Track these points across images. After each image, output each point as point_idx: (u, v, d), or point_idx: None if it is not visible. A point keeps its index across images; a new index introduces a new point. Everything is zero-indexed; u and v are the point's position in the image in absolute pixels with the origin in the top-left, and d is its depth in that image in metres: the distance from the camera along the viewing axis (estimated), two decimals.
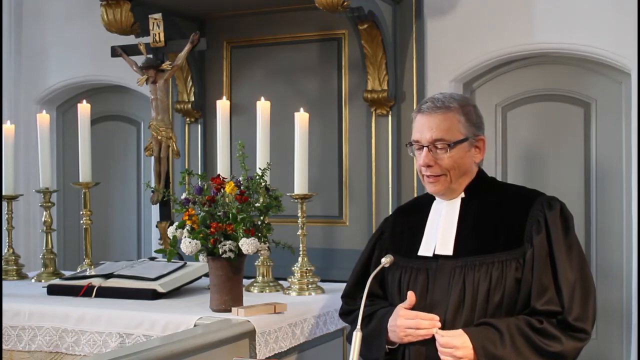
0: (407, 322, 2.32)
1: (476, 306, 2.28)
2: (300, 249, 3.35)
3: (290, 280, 3.37)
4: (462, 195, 2.45)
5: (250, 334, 2.76)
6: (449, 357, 2.23)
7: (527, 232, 2.31)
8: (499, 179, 4.07)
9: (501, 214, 2.39)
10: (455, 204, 2.44)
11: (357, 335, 2.21)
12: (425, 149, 2.38)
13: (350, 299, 2.63)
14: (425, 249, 2.43)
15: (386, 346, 2.39)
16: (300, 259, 3.36)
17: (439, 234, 2.42)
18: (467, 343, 2.22)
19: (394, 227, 2.59)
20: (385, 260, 2.38)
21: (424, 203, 2.56)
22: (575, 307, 2.24)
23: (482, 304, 2.28)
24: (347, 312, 2.64)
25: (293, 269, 3.37)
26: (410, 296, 2.34)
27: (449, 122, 2.38)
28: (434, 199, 2.51)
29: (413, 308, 2.35)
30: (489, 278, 2.28)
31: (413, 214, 2.58)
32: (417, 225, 2.50)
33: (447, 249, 2.38)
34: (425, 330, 2.29)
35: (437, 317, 2.29)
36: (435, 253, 2.39)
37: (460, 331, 2.25)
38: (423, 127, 2.40)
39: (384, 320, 2.39)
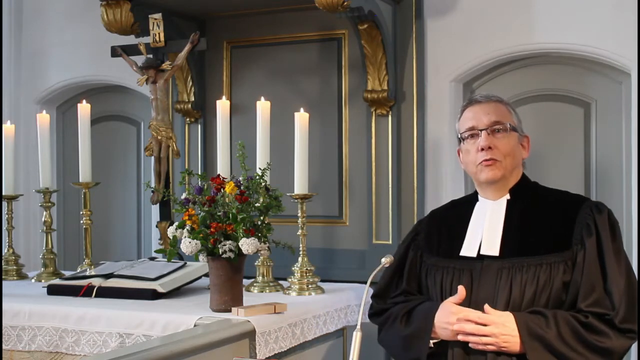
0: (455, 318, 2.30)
1: (522, 308, 2.27)
2: (300, 249, 3.35)
3: (290, 280, 3.37)
4: (508, 196, 2.44)
5: (250, 334, 2.76)
6: (489, 335, 2.22)
7: (577, 235, 2.31)
8: None
9: (547, 216, 2.39)
10: (501, 204, 2.44)
11: (357, 335, 2.21)
12: (483, 132, 2.40)
13: (381, 299, 2.62)
14: (468, 249, 2.41)
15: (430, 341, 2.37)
16: (300, 259, 3.36)
17: (485, 235, 2.40)
18: (510, 321, 2.22)
19: (430, 229, 2.58)
20: (385, 260, 2.38)
21: (463, 205, 2.56)
22: (622, 310, 2.24)
23: (527, 306, 2.28)
24: (379, 312, 2.61)
25: (293, 269, 3.37)
26: (461, 291, 2.32)
27: (501, 109, 2.45)
28: (475, 201, 2.51)
29: None
30: (537, 280, 2.28)
31: (450, 216, 2.58)
32: (457, 226, 2.49)
33: (494, 250, 2.36)
34: (458, 325, 2.29)
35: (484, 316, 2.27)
36: (481, 253, 2.38)
37: (504, 312, 2.26)
38: (478, 114, 2.43)
39: (429, 318, 2.35)
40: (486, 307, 2.27)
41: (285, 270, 3.43)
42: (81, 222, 3.80)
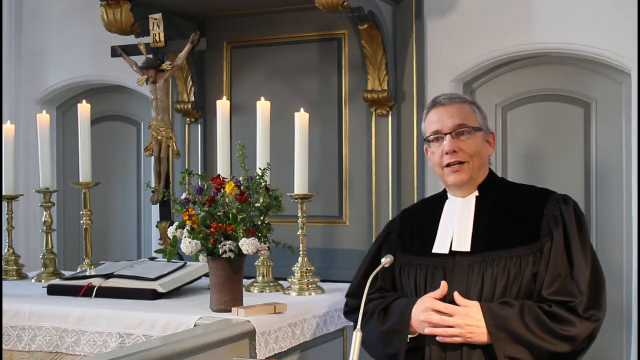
0: (433, 315, 2.32)
1: (494, 300, 2.31)
2: (300, 249, 3.35)
3: (290, 280, 3.37)
4: (476, 193, 2.48)
5: (250, 334, 2.76)
6: (454, 326, 2.26)
7: (544, 226, 2.36)
8: None
9: (516, 210, 2.43)
10: (471, 201, 2.48)
11: (357, 335, 2.21)
12: (447, 136, 2.43)
13: (354, 297, 2.64)
14: (440, 246, 2.45)
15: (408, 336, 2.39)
16: (300, 259, 3.36)
17: (455, 231, 2.44)
18: (475, 311, 2.27)
19: (402, 228, 2.62)
20: (385, 260, 2.38)
21: (433, 203, 2.59)
22: (586, 298, 2.28)
23: (499, 298, 2.31)
24: (354, 309, 2.63)
25: (293, 269, 3.37)
26: (443, 286, 2.35)
27: (465, 110, 2.47)
28: (445, 198, 2.53)
29: None
30: (507, 273, 2.32)
31: (421, 214, 2.61)
32: (428, 224, 2.52)
33: (465, 245, 2.40)
34: (425, 315, 2.33)
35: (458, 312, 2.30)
36: (453, 249, 2.41)
37: (471, 302, 2.31)
38: (442, 117, 2.45)
39: (406, 313, 2.38)
40: (456, 295, 2.31)
41: (285, 270, 3.44)
42: (81, 222, 3.81)
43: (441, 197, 2.57)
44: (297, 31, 4.15)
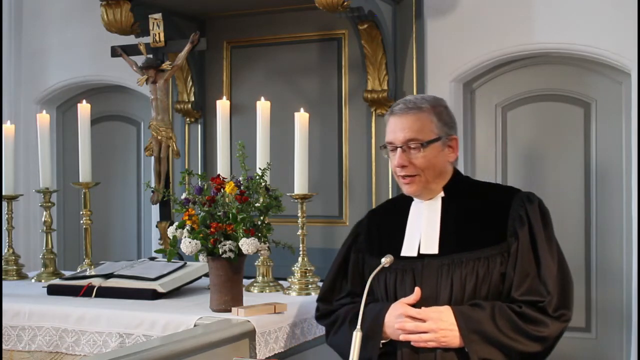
0: (407, 323, 2.32)
1: (464, 301, 2.32)
2: (300, 249, 3.35)
3: (290, 280, 3.37)
4: (442, 194, 2.47)
5: (250, 334, 2.76)
6: (428, 331, 2.27)
7: (511, 226, 2.36)
8: (499, 179, 4.10)
9: (482, 211, 2.43)
10: (436, 204, 2.47)
11: (357, 335, 2.21)
12: (399, 149, 2.41)
13: (326, 302, 2.64)
14: (408, 249, 2.44)
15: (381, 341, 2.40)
16: (300, 259, 3.36)
17: (423, 234, 2.43)
18: (447, 315, 2.28)
19: (370, 230, 2.60)
20: (385, 260, 2.38)
21: (399, 204, 2.58)
22: (556, 297, 2.30)
23: (469, 299, 2.33)
24: (326, 314, 2.62)
25: (293, 269, 3.37)
26: (416, 292, 2.35)
27: (421, 122, 2.42)
28: (412, 199, 2.53)
29: None
30: (476, 274, 2.33)
31: (389, 216, 2.60)
32: (396, 226, 2.52)
33: (433, 248, 2.40)
34: (399, 323, 2.33)
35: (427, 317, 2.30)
36: (421, 252, 2.41)
37: (442, 307, 2.32)
38: (396, 128, 2.43)
39: (379, 318, 2.38)
40: (423, 308, 2.32)
41: (285, 270, 3.43)
42: (81, 222, 3.80)
43: (408, 198, 2.55)
44: (297, 31, 4.16)
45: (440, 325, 2.27)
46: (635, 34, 3.70)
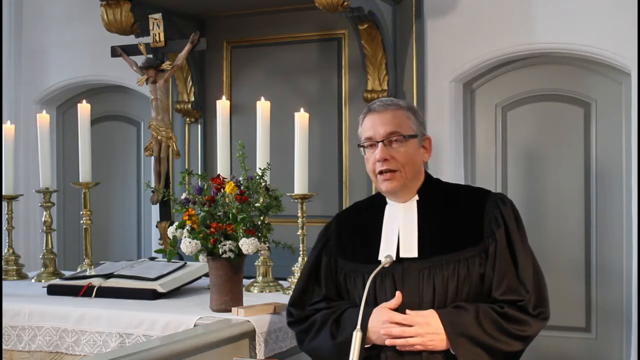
0: (393, 328, 2.32)
1: (447, 304, 2.33)
2: (300, 249, 3.35)
3: (290, 280, 3.37)
4: (417, 197, 2.47)
5: (250, 334, 2.76)
6: (414, 336, 2.28)
7: (487, 228, 2.39)
8: (499, 178, 4.11)
9: (457, 212, 2.44)
10: (412, 206, 2.47)
11: (357, 335, 2.21)
12: (380, 144, 2.41)
13: (298, 307, 2.59)
14: (386, 253, 2.42)
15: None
16: (300, 259, 3.35)
17: (401, 237, 2.43)
18: (434, 320, 2.29)
19: (340, 234, 2.58)
20: (386, 260, 2.37)
21: (371, 207, 2.57)
22: (534, 296, 2.33)
23: (452, 302, 2.34)
24: (300, 320, 2.57)
25: (293, 269, 3.37)
26: (398, 296, 2.35)
27: (400, 118, 2.44)
28: (384, 203, 2.52)
29: None
30: (457, 276, 2.35)
31: (359, 220, 2.58)
32: (370, 230, 2.50)
33: (412, 251, 2.40)
34: (385, 329, 2.33)
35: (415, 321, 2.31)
36: (401, 256, 2.40)
37: (427, 311, 2.33)
38: (375, 124, 2.43)
39: (363, 323, 2.33)
40: (408, 312, 2.32)
41: (285, 270, 3.43)
42: (81, 222, 3.80)
43: (379, 202, 2.54)
44: (297, 31, 4.16)
45: (427, 329, 2.28)
46: (635, 34, 3.70)
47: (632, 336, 3.79)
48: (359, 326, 2.22)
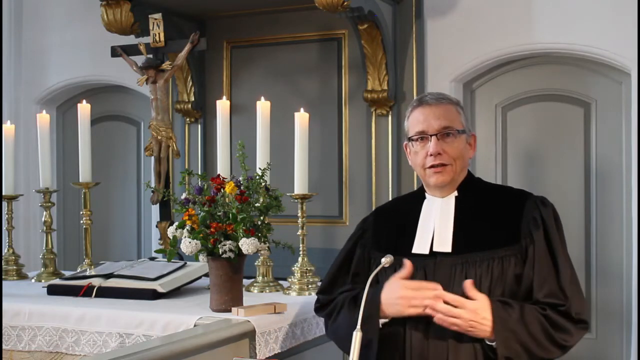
0: (411, 292, 2.29)
1: None
2: (300, 249, 3.35)
3: (290, 280, 3.37)
4: (456, 193, 2.46)
5: (250, 334, 2.76)
6: (457, 317, 2.23)
7: (525, 228, 2.35)
8: (499, 178, 4.11)
9: (495, 211, 2.42)
10: (450, 201, 2.45)
11: (357, 335, 2.20)
12: (433, 138, 2.39)
13: (326, 294, 2.61)
14: (420, 247, 2.42)
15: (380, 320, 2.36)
16: (300, 259, 3.36)
17: (436, 231, 2.42)
18: (484, 309, 2.23)
19: (377, 227, 2.58)
20: (385, 260, 2.37)
21: (407, 203, 2.57)
22: (575, 300, 2.29)
23: None
24: (325, 304, 2.59)
25: (293, 269, 3.37)
26: (408, 265, 2.33)
27: (452, 112, 2.43)
28: (422, 198, 2.51)
29: None
30: (490, 274, 2.31)
31: (397, 214, 2.58)
32: (405, 223, 2.49)
33: (446, 246, 2.38)
34: (430, 301, 2.26)
35: (439, 286, 2.27)
36: (434, 250, 2.39)
37: (481, 298, 2.26)
38: (428, 117, 2.41)
39: (375, 297, 2.34)
40: (468, 285, 2.26)
41: (285, 270, 3.43)
42: (81, 222, 3.80)
43: (418, 196, 2.54)
44: (297, 31, 4.16)
45: (472, 317, 2.23)
46: (635, 34, 3.70)
47: (632, 336, 3.79)
48: (359, 326, 2.21)
